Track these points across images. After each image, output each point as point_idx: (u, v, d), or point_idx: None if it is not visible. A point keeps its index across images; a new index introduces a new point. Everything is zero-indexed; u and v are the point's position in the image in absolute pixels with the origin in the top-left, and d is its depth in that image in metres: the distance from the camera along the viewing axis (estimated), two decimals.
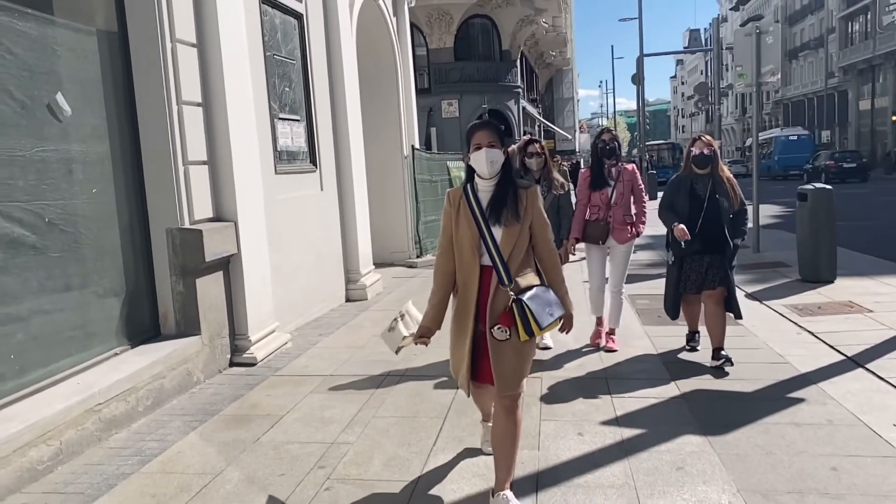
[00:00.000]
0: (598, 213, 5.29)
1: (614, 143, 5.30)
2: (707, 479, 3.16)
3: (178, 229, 4.90)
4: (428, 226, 11.45)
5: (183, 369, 4.77)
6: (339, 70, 7.89)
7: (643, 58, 27.80)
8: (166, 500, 3.18)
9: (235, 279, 5.44)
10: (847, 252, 9.22)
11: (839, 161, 30.40)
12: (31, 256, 3.91)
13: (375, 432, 3.90)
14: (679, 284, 4.97)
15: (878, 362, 4.74)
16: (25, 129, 3.91)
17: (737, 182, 4.92)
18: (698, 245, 4.74)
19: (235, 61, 5.44)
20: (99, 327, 4.45)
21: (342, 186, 8.02)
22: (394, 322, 3.23)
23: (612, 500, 3.00)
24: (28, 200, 3.89)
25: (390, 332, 3.21)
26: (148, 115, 4.82)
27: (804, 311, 6.32)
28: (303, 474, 3.39)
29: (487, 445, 3.36)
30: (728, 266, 4.80)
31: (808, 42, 52.58)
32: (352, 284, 8.07)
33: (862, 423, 3.72)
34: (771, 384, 4.43)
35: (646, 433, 3.71)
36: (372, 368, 5.17)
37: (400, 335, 3.16)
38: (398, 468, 3.42)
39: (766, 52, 10.08)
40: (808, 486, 3.04)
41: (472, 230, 2.85)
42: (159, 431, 4.08)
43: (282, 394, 4.68)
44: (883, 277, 7.59)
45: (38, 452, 3.47)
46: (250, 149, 5.66)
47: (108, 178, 4.59)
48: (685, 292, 4.98)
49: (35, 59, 4.01)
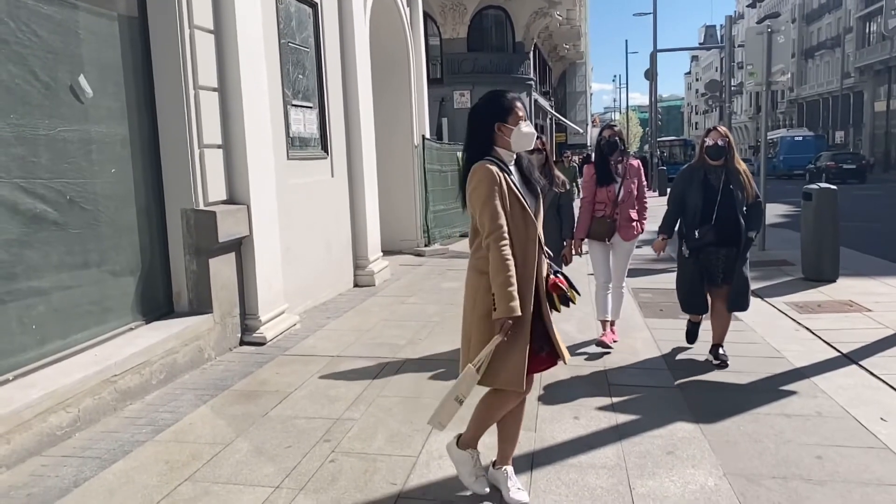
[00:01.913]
0: (605, 210, 5.25)
1: (615, 139, 5.23)
2: (696, 463, 3.29)
3: (192, 210, 5.05)
4: (437, 215, 11.58)
5: (195, 346, 4.93)
6: (351, 59, 8.01)
7: (656, 53, 27.75)
8: (179, 467, 3.34)
9: (247, 260, 5.59)
10: (851, 252, 9.29)
11: (839, 162, 31.36)
12: (53, 232, 4.07)
13: (379, 410, 4.05)
14: (697, 278, 4.80)
15: (871, 359, 4.84)
16: (49, 110, 4.06)
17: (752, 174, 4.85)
18: (713, 237, 4.65)
19: (251, 48, 5.57)
20: (115, 303, 4.61)
21: (352, 173, 8.16)
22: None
23: (603, 479, 3.14)
24: (50, 178, 4.05)
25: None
26: (165, 98, 4.97)
27: (804, 309, 6.42)
28: (309, 447, 3.54)
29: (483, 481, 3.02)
30: (742, 259, 4.71)
31: (824, 41, 52.18)
32: (360, 270, 8.22)
33: (850, 416, 3.83)
34: (765, 377, 4.54)
35: (640, 419, 3.84)
36: (378, 351, 5.32)
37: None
38: (400, 444, 3.57)
39: (777, 51, 10.08)
40: (792, 472, 3.17)
41: (523, 204, 2.73)
42: (172, 404, 4.24)
43: (290, 372, 4.83)
44: (884, 278, 7.66)
45: (57, 419, 3.63)
46: (264, 134, 5.80)
47: (126, 158, 4.74)
48: (709, 284, 4.80)
49: (59, 42, 4.16)
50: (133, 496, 3.06)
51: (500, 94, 2.81)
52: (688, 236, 4.80)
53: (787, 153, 37.95)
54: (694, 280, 4.84)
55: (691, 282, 4.86)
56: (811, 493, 2.98)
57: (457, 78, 26.85)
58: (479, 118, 2.79)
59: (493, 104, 2.79)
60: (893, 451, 3.38)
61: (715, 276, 4.77)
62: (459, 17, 26.86)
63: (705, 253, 4.74)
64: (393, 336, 5.79)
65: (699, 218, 4.70)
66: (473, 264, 2.80)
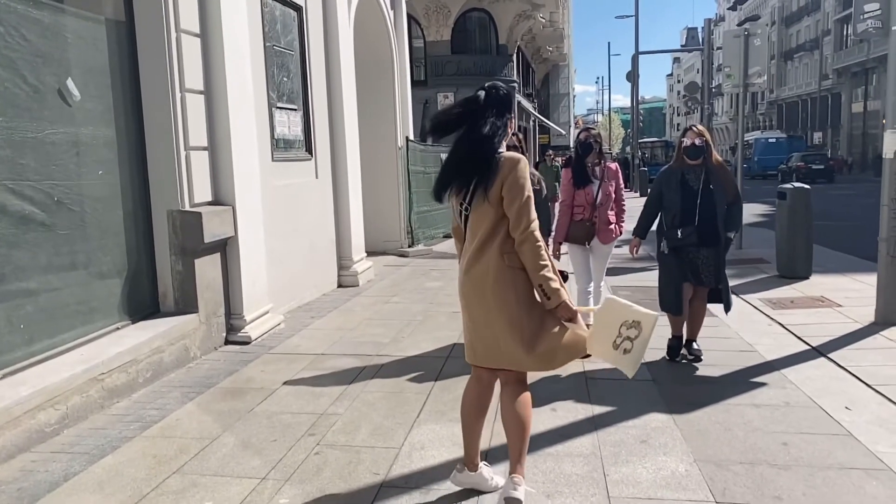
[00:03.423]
0: (584, 214, 5.27)
1: (590, 141, 5.27)
2: (668, 450, 3.43)
3: (178, 211, 5.12)
4: (421, 216, 11.69)
5: (181, 345, 5.00)
6: (336, 61, 8.11)
7: (638, 55, 28.06)
8: (167, 461, 3.42)
9: (232, 261, 5.67)
10: (824, 250, 9.53)
11: (809, 163, 33.18)
12: (41, 233, 4.14)
13: (363, 405, 4.15)
14: (677, 277, 4.81)
15: (839, 352, 5.02)
16: (37, 112, 4.13)
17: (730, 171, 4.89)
18: (695, 238, 4.67)
19: (236, 51, 5.66)
20: (102, 302, 4.68)
21: (337, 175, 8.25)
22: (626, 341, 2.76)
23: (579, 466, 3.27)
24: (38, 180, 4.11)
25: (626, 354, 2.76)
26: (152, 101, 5.04)
27: (777, 305, 6.60)
28: (294, 440, 3.64)
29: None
30: (721, 259, 4.77)
31: (803, 43, 52.94)
32: (344, 271, 8.31)
33: (816, 406, 3.99)
34: (737, 370, 4.70)
35: (615, 411, 3.98)
36: (361, 349, 5.42)
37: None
38: (383, 436, 3.67)
39: (753, 54, 10.31)
40: (759, 458, 3.31)
41: None
42: (159, 401, 4.32)
43: (275, 370, 4.92)
44: (855, 274, 7.87)
45: (45, 415, 3.70)
46: (249, 136, 5.88)
47: (113, 160, 4.81)
48: (694, 283, 4.81)
49: (47, 45, 4.23)
50: (122, 489, 3.14)
51: (506, 87, 2.86)
52: (668, 235, 4.81)
53: (761, 154, 39.47)
54: (673, 278, 4.85)
55: (671, 280, 4.88)
56: (776, 477, 3.13)
57: (441, 80, 27.00)
58: (504, 107, 2.79)
59: (508, 96, 2.81)
60: (856, 437, 3.53)
61: (700, 276, 4.78)
62: (443, 19, 27.02)
63: (685, 252, 4.75)
64: (377, 334, 5.90)
65: (680, 219, 4.72)
66: (507, 262, 2.71)
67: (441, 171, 2.92)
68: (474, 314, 2.81)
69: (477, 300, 2.78)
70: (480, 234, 2.74)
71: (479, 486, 3.02)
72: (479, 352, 2.84)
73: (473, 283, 2.77)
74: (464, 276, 2.82)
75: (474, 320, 2.82)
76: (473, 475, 3.01)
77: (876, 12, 5.62)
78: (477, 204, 2.74)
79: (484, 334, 2.79)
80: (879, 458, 3.30)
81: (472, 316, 2.83)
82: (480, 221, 2.74)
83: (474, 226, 2.78)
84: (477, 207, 2.74)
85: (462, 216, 2.83)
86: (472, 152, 2.75)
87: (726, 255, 4.90)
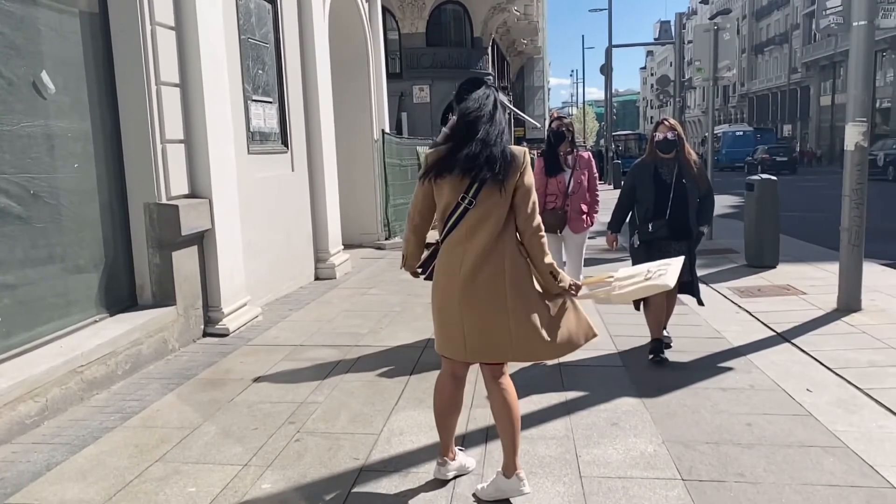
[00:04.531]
0: (556, 202, 5.30)
1: (562, 130, 5.27)
2: (638, 432, 3.56)
3: (155, 204, 5.14)
4: (397, 209, 11.74)
5: (159, 337, 5.03)
6: (311, 54, 8.12)
7: (612, 49, 28.31)
8: (149, 450, 3.47)
9: (209, 254, 5.69)
10: (792, 240, 9.80)
11: (773, 155, 34.47)
12: (17, 226, 4.14)
13: (342, 394, 4.23)
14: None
15: (803, 338, 5.20)
16: (11, 105, 4.12)
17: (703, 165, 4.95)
18: (666, 231, 4.69)
19: (211, 44, 5.66)
20: (79, 295, 4.69)
21: (313, 168, 8.28)
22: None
23: (552, 448, 3.38)
24: (14, 173, 4.11)
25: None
26: (127, 94, 5.04)
27: (745, 293, 6.79)
28: (275, 428, 3.71)
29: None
30: (693, 253, 4.80)
31: (773, 37, 53.80)
32: (321, 263, 8.35)
33: (780, 388, 4.16)
34: (705, 356, 4.86)
35: (587, 395, 4.11)
36: (340, 340, 5.49)
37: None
38: (362, 423, 3.76)
39: (723, 48, 10.52)
40: (724, 438, 3.46)
41: None
42: (138, 392, 4.35)
43: (254, 361, 4.97)
44: (821, 263, 8.11)
45: (25, 407, 3.72)
46: (225, 129, 5.90)
47: (89, 154, 4.81)
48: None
49: (21, 38, 4.22)
50: (106, 477, 3.19)
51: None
52: (640, 229, 4.84)
53: (729, 147, 40.79)
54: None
55: None
56: (739, 455, 3.27)
57: (416, 73, 27.02)
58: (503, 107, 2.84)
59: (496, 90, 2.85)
60: (816, 417, 3.70)
61: None
62: (418, 11, 27.01)
63: (657, 246, 4.76)
64: (354, 326, 5.97)
65: (652, 213, 4.75)
66: (523, 253, 2.78)
67: (441, 158, 2.76)
68: (482, 310, 2.73)
69: (489, 296, 2.71)
70: (489, 228, 2.70)
71: (461, 471, 3.12)
72: (477, 347, 2.77)
73: (487, 279, 2.71)
74: (470, 273, 2.71)
75: (481, 316, 2.73)
76: (453, 463, 3.09)
77: (837, 8, 5.80)
78: (485, 196, 2.69)
79: (490, 329, 2.74)
80: (837, 436, 3.46)
81: (478, 312, 2.73)
82: (488, 215, 2.70)
83: (478, 219, 2.71)
84: (485, 200, 2.70)
85: (460, 209, 2.72)
86: (491, 144, 2.69)
87: (697, 248, 4.98)
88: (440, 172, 2.75)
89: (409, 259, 3.03)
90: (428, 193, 2.83)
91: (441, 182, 2.75)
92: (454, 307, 2.76)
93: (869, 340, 5.07)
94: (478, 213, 2.71)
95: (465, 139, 2.71)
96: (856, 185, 5.82)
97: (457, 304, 2.75)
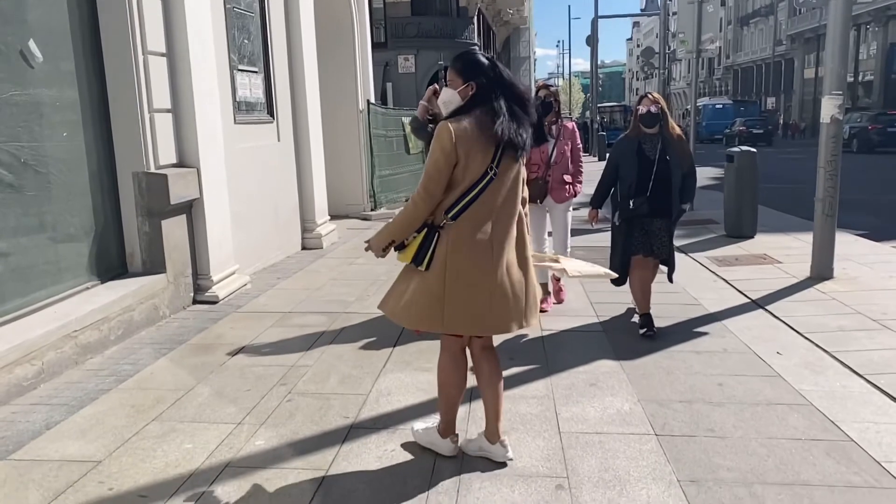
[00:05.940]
0: (538, 172, 5.27)
1: (550, 100, 5.22)
2: (614, 392, 3.73)
3: (144, 173, 5.19)
4: (383, 180, 11.79)
5: (150, 304, 5.13)
6: (296, 23, 8.11)
7: (598, 19, 28.21)
8: (145, 410, 3.59)
9: (198, 222, 5.76)
10: (770, 211, 10.01)
11: (750, 127, 35.50)
12: (9, 194, 4.19)
13: (331, 357, 4.36)
14: (627, 249, 4.78)
15: (776, 304, 5.40)
16: (0, 74, 4.15)
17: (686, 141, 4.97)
18: (646, 208, 4.62)
19: (198, 13, 5.67)
20: (71, 263, 4.77)
21: (299, 138, 8.32)
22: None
23: (533, 406, 3.55)
24: (4, 141, 4.15)
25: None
26: (115, 63, 5.06)
27: (723, 262, 6.99)
28: (267, 389, 3.84)
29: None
30: (671, 230, 4.81)
31: (759, 9, 53.67)
32: (308, 233, 8.44)
33: (751, 352, 4.34)
34: (682, 321, 5.04)
35: (568, 358, 4.27)
36: (328, 307, 5.61)
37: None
38: (351, 384, 3.90)
39: (707, 20, 10.60)
40: (696, 397, 3.64)
41: None
42: (131, 357, 4.46)
43: (244, 326, 5.09)
44: (797, 234, 8.32)
45: (22, 370, 3.83)
46: (211, 98, 5.93)
47: (77, 122, 4.85)
48: (634, 254, 4.77)
49: (7, 6, 4.23)
50: (104, 434, 3.31)
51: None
52: (622, 206, 4.77)
53: (709, 120, 41.61)
54: (620, 250, 4.86)
55: (618, 252, 4.90)
56: (710, 412, 3.45)
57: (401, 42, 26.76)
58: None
59: None
60: (784, 378, 3.89)
61: (651, 247, 4.75)
62: None
63: (639, 223, 4.72)
64: (342, 293, 6.09)
65: (634, 189, 4.66)
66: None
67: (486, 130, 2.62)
68: (507, 280, 2.74)
69: (515, 266, 2.77)
70: (511, 197, 2.75)
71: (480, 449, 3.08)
72: (491, 322, 2.77)
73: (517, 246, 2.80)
74: (506, 242, 2.74)
75: (503, 287, 2.73)
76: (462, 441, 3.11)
77: None
78: (506, 166, 2.69)
79: (505, 297, 2.75)
80: (803, 395, 3.65)
81: (504, 283, 2.73)
82: (505, 184, 2.71)
83: (500, 189, 2.70)
84: (507, 170, 2.70)
85: (486, 179, 2.66)
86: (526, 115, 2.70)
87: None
88: (492, 145, 2.65)
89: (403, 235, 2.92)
90: (452, 166, 2.64)
91: (475, 154, 2.63)
92: (490, 279, 2.70)
93: (838, 306, 5.27)
94: (499, 183, 2.69)
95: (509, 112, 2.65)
96: (830, 157, 5.99)
97: (493, 274, 2.70)
